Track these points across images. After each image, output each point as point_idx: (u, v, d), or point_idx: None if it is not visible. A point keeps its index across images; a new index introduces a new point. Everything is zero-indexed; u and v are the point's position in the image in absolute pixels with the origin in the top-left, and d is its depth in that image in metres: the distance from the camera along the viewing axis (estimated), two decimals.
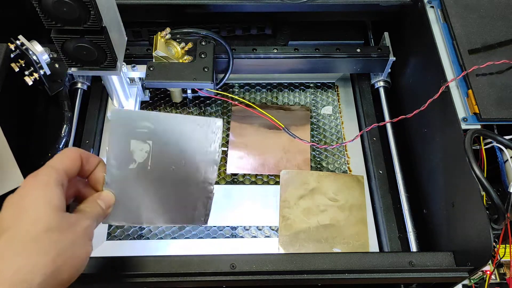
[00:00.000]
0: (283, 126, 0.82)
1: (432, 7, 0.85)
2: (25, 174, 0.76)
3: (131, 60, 0.88)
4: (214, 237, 0.84)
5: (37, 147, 0.91)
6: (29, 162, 0.81)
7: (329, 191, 0.87)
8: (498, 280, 0.72)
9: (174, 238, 0.84)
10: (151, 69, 0.84)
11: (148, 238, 0.83)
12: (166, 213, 0.58)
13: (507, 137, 0.65)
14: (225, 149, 0.93)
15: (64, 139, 0.85)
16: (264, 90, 1.03)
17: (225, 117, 0.98)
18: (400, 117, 0.78)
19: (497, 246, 0.64)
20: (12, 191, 0.69)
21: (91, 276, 0.64)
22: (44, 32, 0.69)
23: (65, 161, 0.51)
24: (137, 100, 0.89)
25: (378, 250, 0.83)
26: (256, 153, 0.93)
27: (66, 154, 0.52)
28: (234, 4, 0.92)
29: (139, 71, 0.85)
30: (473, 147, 0.64)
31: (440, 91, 0.74)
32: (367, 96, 1.00)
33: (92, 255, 0.80)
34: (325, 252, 0.66)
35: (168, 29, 0.85)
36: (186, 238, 0.84)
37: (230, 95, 0.96)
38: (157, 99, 1.00)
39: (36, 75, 0.79)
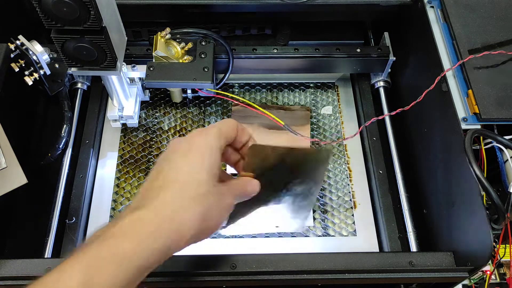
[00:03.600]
0: (283, 123, 0.82)
1: (432, 7, 0.85)
2: (25, 173, 0.77)
3: (131, 60, 0.88)
4: (214, 237, 0.84)
5: (37, 147, 0.91)
6: (29, 162, 0.81)
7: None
8: (498, 280, 0.72)
9: None
10: (151, 69, 0.84)
11: None
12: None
13: (507, 137, 0.65)
14: None
15: (64, 139, 0.85)
16: (264, 90, 1.03)
17: (225, 117, 0.98)
18: (398, 110, 0.78)
19: (497, 246, 0.64)
20: (15, 191, 0.70)
21: None
22: (44, 32, 0.69)
23: (227, 128, 0.53)
24: (137, 100, 0.89)
25: (378, 250, 0.83)
26: None
27: (226, 123, 0.53)
28: (234, 4, 0.92)
29: (139, 71, 0.85)
30: (473, 147, 0.64)
31: (436, 82, 0.74)
32: (367, 96, 1.00)
33: None
34: (325, 252, 0.67)
35: (168, 29, 0.85)
36: None
37: (230, 94, 0.96)
38: (157, 99, 1.00)
39: (36, 75, 0.79)
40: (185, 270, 0.64)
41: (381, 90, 0.99)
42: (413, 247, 0.80)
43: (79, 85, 0.95)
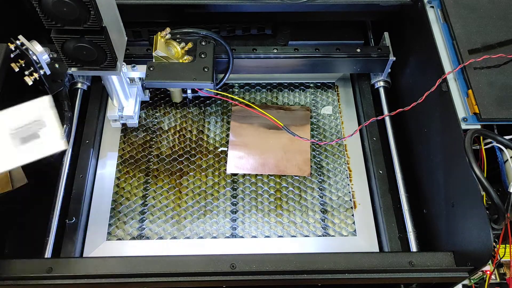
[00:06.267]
0: (282, 125, 0.83)
1: (432, 7, 0.85)
2: (25, 174, 0.77)
3: (131, 60, 0.88)
4: (214, 237, 0.84)
5: None
6: (29, 162, 0.81)
7: None
8: (498, 280, 0.72)
9: (174, 238, 0.84)
10: (151, 69, 0.84)
11: (148, 238, 0.83)
12: None
13: (507, 137, 0.65)
14: (225, 149, 0.93)
15: (64, 139, 0.85)
16: (264, 90, 1.03)
17: (225, 117, 0.98)
18: (398, 110, 0.78)
19: (497, 246, 0.64)
20: (15, 191, 0.70)
21: (92, 276, 0.64)
22: (44, 32, 0.69)
23: None
24: (137, 100, 0.89)
25: (378, 250, 0.83)
26: (256, 153, 0.93)
27: None
28: (234, 4, 0.92)
29: (139, 71, 0.85)
30: (473, 147, 0.64)
31: (436, 84, 0.74)
32: (367, 96, 1.00)
33: (92, 255, 0.81)
34: (325, 252, 0.67)
35: (168, 29, 0.85)
36: (186, 238, 0.84)
37: (230, 95, 0.96)
38: (157, 99, 1.00)
39: (36, 75, 0.79)
40: (185, 270, 0.64)
41: (381, 90, 0.99)
42: (413, 247, 0.80)
43: (79, 85, 0.95)
